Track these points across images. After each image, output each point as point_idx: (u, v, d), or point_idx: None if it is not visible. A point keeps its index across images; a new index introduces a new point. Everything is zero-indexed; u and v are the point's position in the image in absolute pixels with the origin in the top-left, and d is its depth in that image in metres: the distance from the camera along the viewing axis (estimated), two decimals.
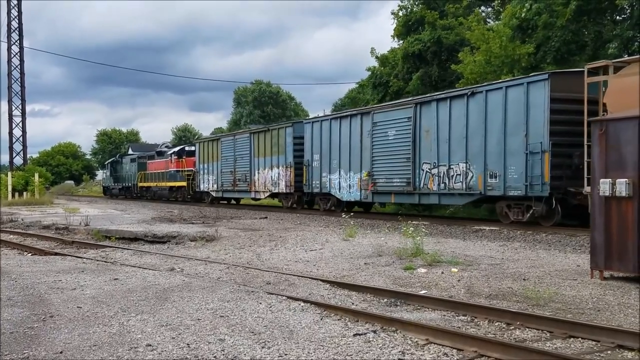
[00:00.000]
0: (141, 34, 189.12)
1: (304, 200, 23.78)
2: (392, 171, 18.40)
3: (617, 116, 8.50)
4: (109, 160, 51.01)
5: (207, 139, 32.27)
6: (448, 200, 17.25)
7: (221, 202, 31.24)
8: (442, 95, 16.85)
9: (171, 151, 37.05)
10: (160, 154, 38.99)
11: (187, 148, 36.02)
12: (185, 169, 34.26)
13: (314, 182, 22.26)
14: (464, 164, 15.83)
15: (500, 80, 15.84)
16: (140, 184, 41.34)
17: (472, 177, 15.65)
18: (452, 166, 16.24)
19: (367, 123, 19.35)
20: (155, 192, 39.16)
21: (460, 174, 15.99)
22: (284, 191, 24.13)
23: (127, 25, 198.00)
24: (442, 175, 16.57)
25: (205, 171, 31.08)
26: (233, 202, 31.66)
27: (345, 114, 21.25)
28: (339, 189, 20.93)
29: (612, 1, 17.36)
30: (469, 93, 15.76)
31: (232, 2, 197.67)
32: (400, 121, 18.02)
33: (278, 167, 24.35)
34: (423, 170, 17.24)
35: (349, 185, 20.34)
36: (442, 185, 16.59)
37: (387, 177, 18.62)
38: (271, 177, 24.89)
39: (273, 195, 25.93)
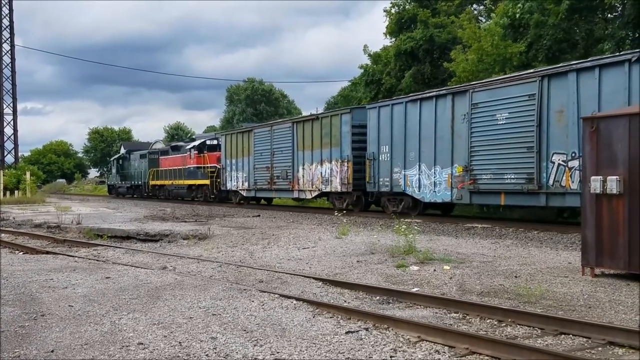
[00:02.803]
0: (134, 33, 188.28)
1: (364, 201, 20.29)
2: (502, 165, 14.85)
3: (609, 114, 8.55)
4: (115, 157, 48.03)
5: (236, 131, 28.62)
6: None
7: (250, 202, 27.63)
8: (587, 64, 13.06)
9: (190, 145, 33.71)
10: (176, 148, 36.06)
11: (208, 142, 32.41)
12: (208, 165, 30.69)
13: (381, 180, 18.66)
14: None
15: None
16: (152, 182, 38.00)
17: None
18: None
19: (462, 105, 15.80)
20: (170, 191, 35.67)
21: None
22: (339, 190, 20.57)
23: (120, 25, 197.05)
24: None
25: (234, 167, 27.59)
26: (263, 202, 28.16)
27: (428, 95, 17.25)
28: (419, 187, 17.30)
29: None
30: (632, 59, 11.91)
31: (225, 1, 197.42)
32: (517, 100, 14.42)
33: (330, 162, 20.87)
34: (553, 162, 13.63)
35: (434, 182, 16.80)
36: None
37: (494, 173, 15.04)
38: (321, 173, 21.38)
39: (323, 195, 22.48)
